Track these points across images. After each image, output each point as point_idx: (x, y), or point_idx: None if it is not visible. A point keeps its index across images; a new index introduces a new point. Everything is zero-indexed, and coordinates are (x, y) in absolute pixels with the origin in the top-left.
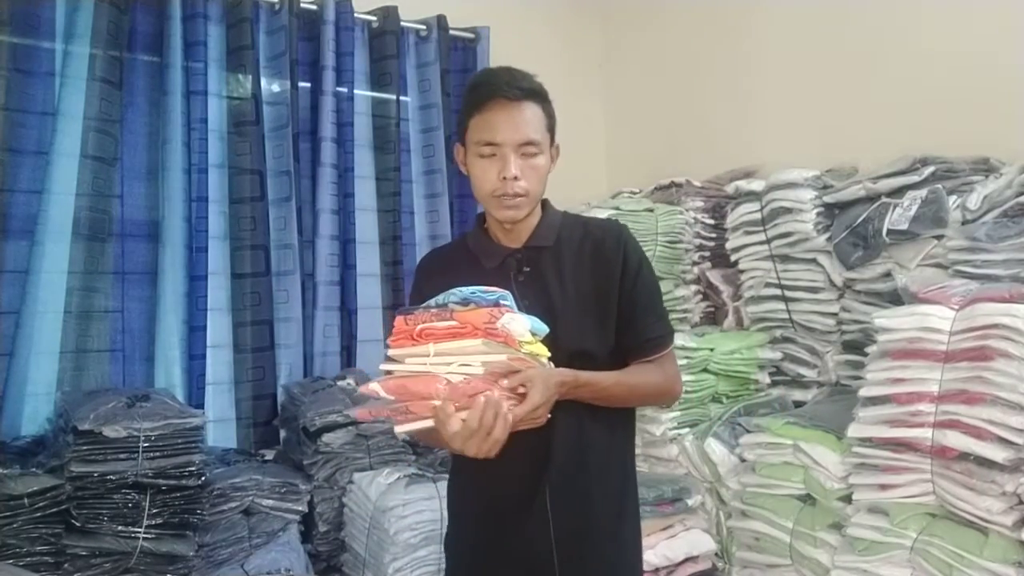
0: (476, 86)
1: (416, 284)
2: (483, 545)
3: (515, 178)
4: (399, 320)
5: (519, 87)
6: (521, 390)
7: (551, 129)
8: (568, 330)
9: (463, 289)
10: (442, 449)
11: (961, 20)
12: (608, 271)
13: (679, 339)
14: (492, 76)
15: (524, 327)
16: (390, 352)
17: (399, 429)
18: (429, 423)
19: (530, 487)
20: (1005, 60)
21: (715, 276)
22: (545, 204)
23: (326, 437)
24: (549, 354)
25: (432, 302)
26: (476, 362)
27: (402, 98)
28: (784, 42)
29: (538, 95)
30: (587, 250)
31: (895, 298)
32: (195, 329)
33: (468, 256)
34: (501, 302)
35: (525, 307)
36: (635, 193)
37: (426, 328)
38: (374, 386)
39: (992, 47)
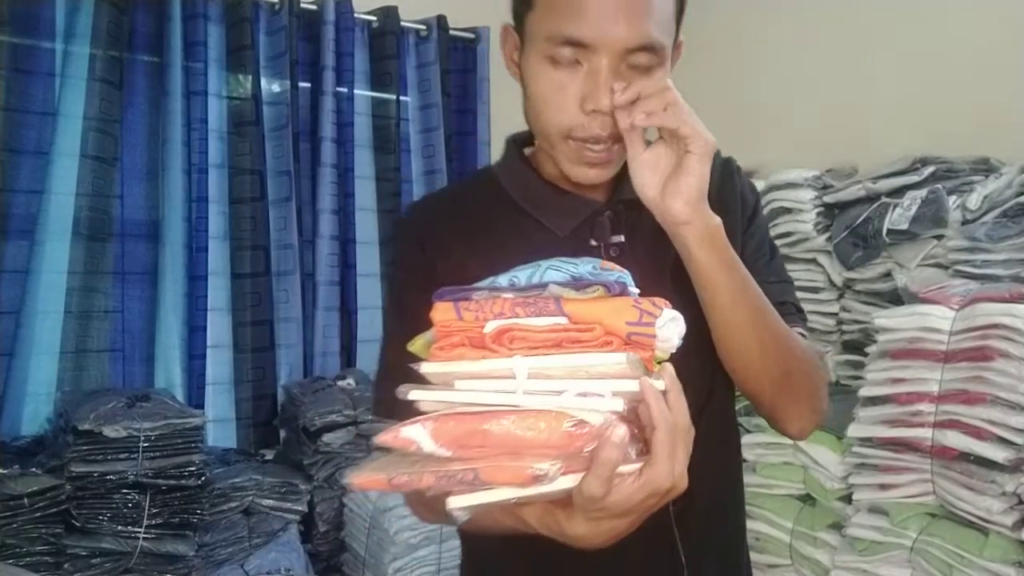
0: None
1: (407, 261)
2: None
3: (612, 112)
4: (443, 309)
5: None
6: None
7: (679, 16)
8: (698, 341)
9: (576, 261)
10: (507, 534)
11: (961, 20)
12: (729, 228)
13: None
14: None
15: (679, 336)
16: (429, 368)
17: (462, 503)
18: (544, 489)
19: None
20: (1005, 60)
21: None
22: None
23: (326, 437)
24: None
25: (505, 278)
26: (609, 393)
27: (402, 98)
28: (784, 42)
29: None
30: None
31: (895, 298)
32: (195, 329)
33: (511, 209)
34: (630, 288)
35: None
36: None
37: (511, 328)
38: (413, 434)
39: (992, 47)
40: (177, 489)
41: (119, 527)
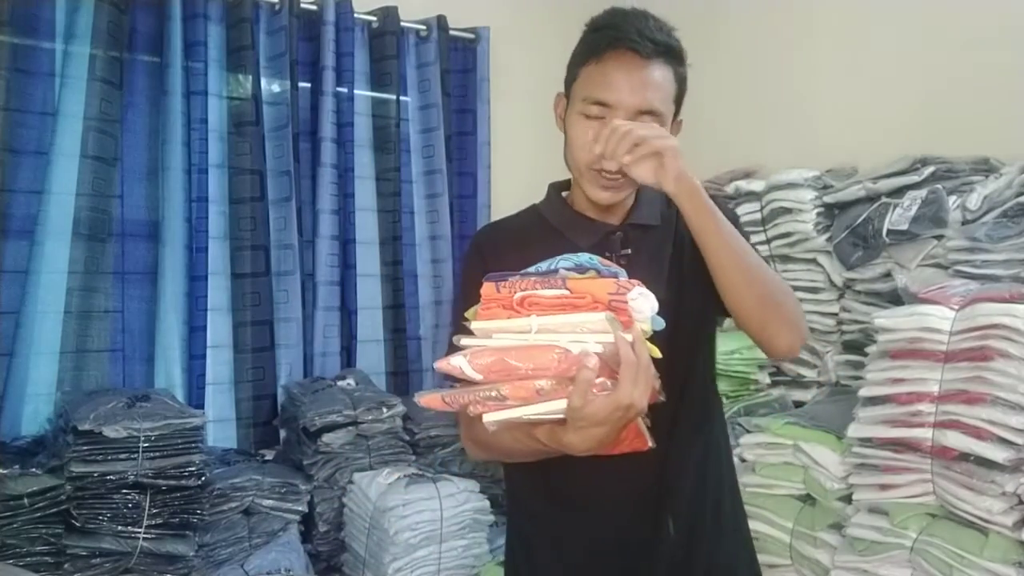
0: (599, 28)
1: (477, 261)
2: None
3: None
4: (488, 287)
5: (652, 40)
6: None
7: (679, 100)
8: (685, 328)
9: (581, 255)
10: (517, 459)
11: (961, 20)
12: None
13: None
14: (622, 19)
15: (652, 309)
16: (475, 325)
17: (495, 417)
18: (543, 407)
19: (647, 511)
20: (1005, 60)
21: None
22: None
23: (326, 437)
24: (660, 355)
25: (532, 269)
26: (592, 341)
27: (402, 98)
28: (784, 42)
29: (674, 54)
30: (689, 232)
31: (895, 298)
32: (195, 329)
33: (548, 231)
34: (619, 277)
35: None
36: None
37: (529, 296)
38: (458, 361)
39: (992, 47)
40: (177, 489)
41: (119, 527)
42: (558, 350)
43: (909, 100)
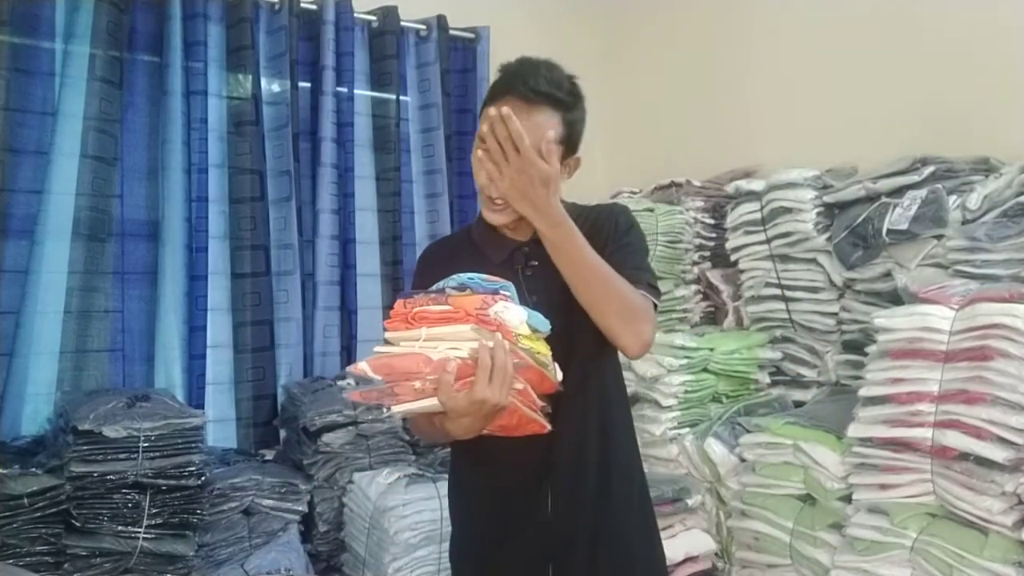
0: (498, 76)
1: (417, 273)
2: (488, 549)
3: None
4: (398, 303)
5: (534, 89)
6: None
7: (568, 140)
8: (583, 327)
9: (463, 275)
10: (439, 441)
11: (961, 20)
12: (600, 246)
13: (679, 339)
14: (514, 69)
15: (519, 318)
16: (387, 335)
17: (396, 409)
18: (427, 402)
19: (532, 484)
20: (1005, 60)
21: (715, 276)
22: None
23: (326, 437)
24: (549, 351)
25: (434, 287)
26: (465, 348)
27: (402, 98)
28: (784, 42)
29: (558, 101)
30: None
31: (895, 298)
32: (195, 329)
33: (473, 248)
34: (502, 291)
35: (533, 303)
36: (635, 193)
37: (421, 311)
38: (362, 366)
39: (992, 47)
40: (177, 489)
41: (119, 527)
42: (423, 357)
43: (909, 100)
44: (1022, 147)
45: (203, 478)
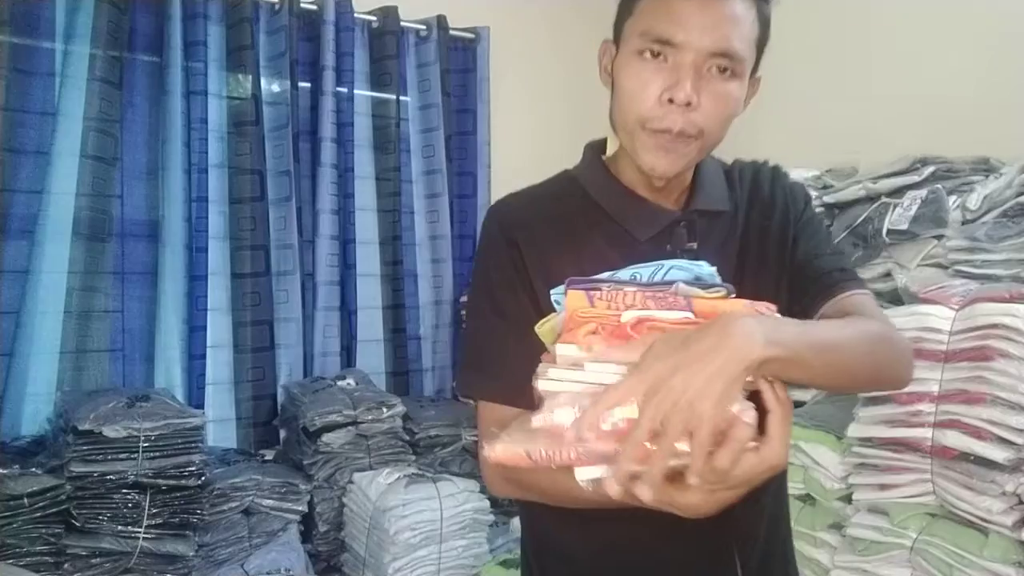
0: None
1: (497, 250)
2: None
3: (688, 104)
4: (576, 297)
5: None
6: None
7: (761, 46)
8: None
9: (696, 263)
10: (567, 505)
11: (961, 20)
12: (778, 219)
13: None
14: None
15: None
16: (560, 351)
17: (585, 475)
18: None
19: (712, 555)
20: (1005, 60)
21: None
22: None
23: (326, 437)
24: None
25: (624, 273)
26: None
27: (402, 98)
28: (783, 42)
29: None
30: (755, 215)
31: (895, 298)
32: (195, 329)
33: (597, 216)
34: (764, 305)
35: None
36: None
37: (647, 320)
38: (563, 416)
39: (992, 47)
40: (177, 489)
41: (119, 527)
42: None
43: (909, 100)
44: (1022, 147)
45: (203, 478)
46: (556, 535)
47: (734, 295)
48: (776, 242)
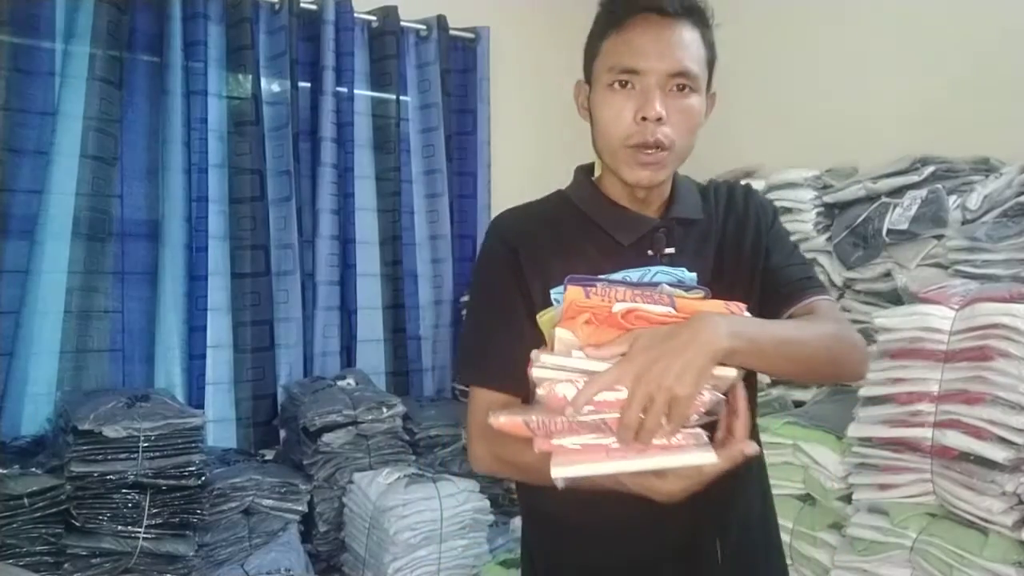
0: None
1: (498, 256)
2: None
3: (659, 119)
4: (574, 291)
5: (677, 0)
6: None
7: (711, 65)
8: None
9: (672, 270)
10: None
11: (961, 20)
12: (751, 233)
13: None
14: None
15: None
16: (559, 335)
17: (561, 472)
18: (642, 463)
19: (696, 543)
20: (1005, 60)
21: None
22: None
23: (326, 437)
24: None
25: (617, 275)
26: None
27: (402, 98)
28: (783, 42)
29: (699, 16)
30: (730, 225)
31: (895, 298)
32: (195, 329)
33: (586, 225)
34: (735, 304)
35: None
36: None
37: (636, 310)
38: (565, 390)
39: (992, 48)
40: (177, 489)
41: (119, 527)
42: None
43: (909, 100)
44: (1022, 147)
45: (203, 478)
46: (556, 535)
47: (710, 297)
48: (750, 249)
